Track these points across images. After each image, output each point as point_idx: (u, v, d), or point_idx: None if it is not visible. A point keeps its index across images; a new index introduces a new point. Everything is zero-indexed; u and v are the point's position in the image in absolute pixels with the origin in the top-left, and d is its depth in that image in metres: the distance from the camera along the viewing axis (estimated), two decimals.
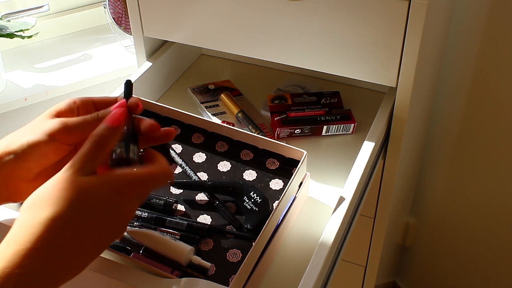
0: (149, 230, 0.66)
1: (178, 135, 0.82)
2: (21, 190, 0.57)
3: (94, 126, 0.54)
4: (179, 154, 0.80)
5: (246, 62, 1.12)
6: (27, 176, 0.56)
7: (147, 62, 1.00)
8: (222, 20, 0.89)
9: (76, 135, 0.56)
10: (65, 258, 0.47)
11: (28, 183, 0.57)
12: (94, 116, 0.56)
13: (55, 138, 0.55)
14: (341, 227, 0.68)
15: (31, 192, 0.52)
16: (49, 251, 0.46)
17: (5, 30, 1.18)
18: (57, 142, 0.55)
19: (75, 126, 0.56)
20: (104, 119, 0.54)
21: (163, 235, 0.66)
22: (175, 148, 0.80)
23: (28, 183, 0.57)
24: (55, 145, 0.55)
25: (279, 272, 0.70)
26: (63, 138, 0.55)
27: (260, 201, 0.71)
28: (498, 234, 1.37)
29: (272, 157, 0.78)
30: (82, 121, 0.56)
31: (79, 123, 0.56)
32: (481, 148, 1.28)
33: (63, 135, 0.55)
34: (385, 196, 0.97)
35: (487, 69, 1.16)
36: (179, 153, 0.80)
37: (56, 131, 0.55)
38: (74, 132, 0.56)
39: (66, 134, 0.55)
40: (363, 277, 1.17)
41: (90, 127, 0.55)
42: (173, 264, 0.65)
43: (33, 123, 0.57)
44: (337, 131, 0.93)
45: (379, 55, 0.82)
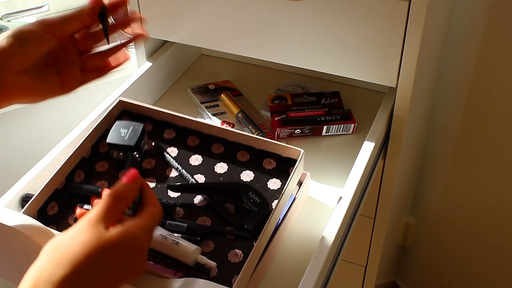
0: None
1: (173, 139, 0.82)
2: (9, 83, 0.59)
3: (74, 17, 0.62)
4: (175, 157, 0.79)
5: (246, 62, 1.12)
6: (14, 66, 0.59)
7: (147, 62, 1.00)
8: (222, 20, 0.89)
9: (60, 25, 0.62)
10: None
11: (16, 75, 0.59)
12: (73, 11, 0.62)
13: (41, 27, 0.60)
14: (341, 227, 0.68)
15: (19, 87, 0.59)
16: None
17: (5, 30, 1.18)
18: (42, 31, 0.60)
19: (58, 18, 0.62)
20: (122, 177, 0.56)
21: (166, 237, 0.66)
22: (171, 151, 0.80)
23: (16, 76, 0.59)
24: (38, 33, 0.60)
25: (279, 272, 0.70)
26: (48, 28, 0.61)
27: (259, 201, 0.71)
28: (498, 234, 1.37)
29: (268, 157, 0.78)
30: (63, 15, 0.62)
31: (62, 16, 0.62)
32: (481, 148, 1.28)
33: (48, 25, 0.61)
34: (385, 196, 0.97)
35: (487, 69, 1.16)
36: (175, 156, 0.80)
37: (43, 22, 0.61)
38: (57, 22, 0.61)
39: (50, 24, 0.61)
40: (363, 277, 1.17)
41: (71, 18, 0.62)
42: (176, 265, 0.65)
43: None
44: (337, 131, 0.93)
45: (379, 55, 0.82)
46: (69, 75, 0.64)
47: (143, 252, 0.52)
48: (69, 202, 0.73)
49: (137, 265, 0.52)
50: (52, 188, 0.72)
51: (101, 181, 0.76)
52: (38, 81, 0.61)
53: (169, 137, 0.82)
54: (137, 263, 0.52)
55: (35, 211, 0.69)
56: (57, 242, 0.51)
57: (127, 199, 0.54)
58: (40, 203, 0.70)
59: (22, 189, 0.73)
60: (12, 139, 1.25)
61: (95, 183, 0.76)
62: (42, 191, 0.70)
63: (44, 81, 0.62)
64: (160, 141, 0.81)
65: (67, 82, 0.64)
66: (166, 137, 0.82)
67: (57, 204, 0.72)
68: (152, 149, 0.80)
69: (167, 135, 0.82)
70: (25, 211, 0.68)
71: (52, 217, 0.71)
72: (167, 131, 0.82)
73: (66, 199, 0.73)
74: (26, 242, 0.63)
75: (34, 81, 0.61)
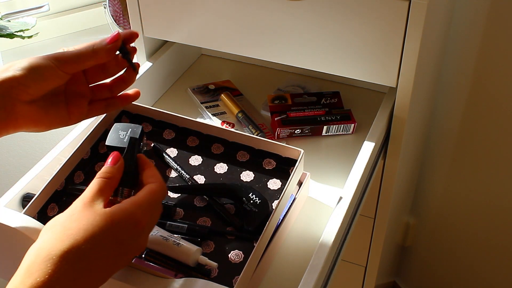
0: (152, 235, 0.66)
1: (172, 139, 0.82)
2: (18, 112, 0.60)
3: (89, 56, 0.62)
4: (174, 158, 0.79)
5: (246, 62, 1.12)
6: (24, 97, 0.59)
7: (147, 62, 1.00)
8: (222, 20, 0.89)
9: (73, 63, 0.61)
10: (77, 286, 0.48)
11: (25, 106, 0.60)
12: (89, 46, 0.62)
13: (54, 63, 0.60)
14: (341, 227, 0.68)
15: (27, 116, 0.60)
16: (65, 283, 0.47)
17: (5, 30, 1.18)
18: (55, 67, 0.60)
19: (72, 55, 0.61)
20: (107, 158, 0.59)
21: (167, 238, 0.66)
22: (170, 152, 0.80)
23: (25, 106, 0.60)
24: (53, 69, 0.60)
25: (279, 272, 0.70)
26: (61, 65, 0.60)
27: (260, 202, 0.71)
28: (498, 234, 1.37)
29: (268, 157, 0.78)
30: (78, 51, 0.62)
31: (76, 53, 0.62)
32: (481, 148, 1.28)
33: (61, 62, 0.61)
34: (385, 196, 0.97)
35: (487, 69, 1.16)
36: (174, 157, 0.80)
37: (56, 59, 0.61)
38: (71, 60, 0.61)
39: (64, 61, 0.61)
40: (363, 277, 1.17)
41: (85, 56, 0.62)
42: (177, 266, 0.65)
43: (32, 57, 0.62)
44: (337, 131, 0.93)
45: (379, 55, 0.82)
46: (77, 107, 0.65)
47: (140, 229, 0.53)
48: (69, 203, 0.73)
49: (135, 243, 0.53)
50: (52, 189, 0.72)
51: None
52: (46, 111, 0.62)
53: (168, 138, 0.82)
54: (135, 241, 0.53)
55: (35, 212, 0.69)
56: (54, 220, 0.52)
57: (114, 178, 0.57)
58: (40, 204, 0.70)
59: (22, 189, 0.73)
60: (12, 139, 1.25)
61: None
62: (42, 192, 0.70)
63: (52, 111, 0.63)
64: (160, 142, 0.81)
65: (74, 113, 0.65)
66: (165, 138, 0.82)
67: (57, 205, 0.72)
68: (151, 150, 0.80)
69: (166, 136, 0.82)
70: (25, 212, 0.68)
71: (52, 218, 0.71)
72: (167, 132, 0.82)
73: (66, 200, 0.73)
74: (26, 242, 0.63)
75: (42, 111, 0.61)
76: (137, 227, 0.53)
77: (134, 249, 0.54)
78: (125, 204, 0.53)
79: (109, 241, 0.50)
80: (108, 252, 0.50)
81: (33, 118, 0.61)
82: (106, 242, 0.50)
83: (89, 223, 0.50)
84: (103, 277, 0.50)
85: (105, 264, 0.50)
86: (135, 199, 0.54)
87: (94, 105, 0.67)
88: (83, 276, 0.48)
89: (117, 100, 0.69)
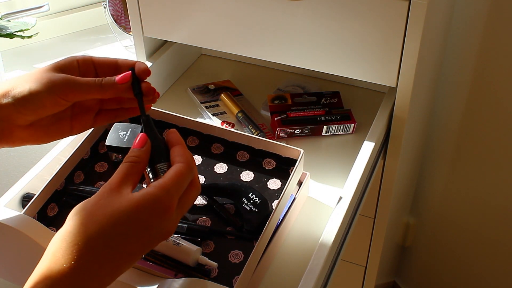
0: None
1: None
2: (14, 136, 0.58)
3: (96, 91, 0.58)
4: None
5: (246, 62, 1.12)
6: (22, 122, 0.58)
7: (147, 62, 1.00)
8: (222, 20, 0.89)
9: (77, 94, 0.58)
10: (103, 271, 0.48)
11: (22, 129, 0.58)
12: (98, 82, 0.58)
13: (56, 92, 0.57)
14: (341, 227, 0.68)
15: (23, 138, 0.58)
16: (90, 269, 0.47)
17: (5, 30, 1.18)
18: (57, 96, 0.57)
19: (78, 86, 0.58)
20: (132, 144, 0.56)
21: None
22: None
23: (22, 130, 0.58)
24: (54, 98, 0.57)
25: (279, 272, 0.70)
26: (63, 94, 0.57)
27: (259, 202, 0.71)
28: (498, 234, 1.37)
29: (268, 157, 0.78)
30: (85, 83, 0.58)
31: (82, 84, 0.58)
32: (481, 148, 1.28)
33: (65, 91, 0.57)
34: (385, 196, 0.97)
35: (487, 69, 1.16)
36: None
37: (59, 86, 0.57)
38: (75, 91, 0.57)
39: (68, 91, 0.57)
40: (363, 277, 1.17)
41: (92, 90, 0.58)
42: (177, 266, 0.65)
43: (36, 72, 0.59)
44: (337, 131, 0.93)
45: (379, 55, 0.82)
46: (82, 120, 0.62)
47: (169, 214, 0.51)
48: (68, 203, 0.73)
49: (163, 228, 0.51)
50: (52, 189, 0.72)
51: (101, 182, 0.76)
52: (46, 130, 0.60)
53: None
54: (162, 226, 0.51)
55: (35, 212, 0.69)
56: (81, 206, 0.51)
57: (142, 162, 0.55)
58: (40, 204, 0.70)
59: (22, 189, 0.73)
60: None
61: (95, 184, 0.76)
62: (42, 192, 0.70)
63: (53, 128, 0.61)
64: None
65: (77, 126, 0.63)
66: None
67: (57, 205, 0.72)
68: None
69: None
70: (25, 212, 0.68)
71: (52, 218, 0.71)
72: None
73: (65, 200, 0.73)
74: (26, 242, 0.63)
75: (42, 130, 0.60)
76: (166, 212, 0.51)
77: (161, 235, 0.52)
78: (152, 188, 0.51)
79: (135, 227, 0.49)
80: (134, 238, 0.49)
81: (31, 138, 0.60)
82: (132, 229, 0.49)
83: (115, 209, 0.49)
84: (128, 262, 0.50)
85: (130, 250, 0.49)
86: (162, 183, 0.52)
87: (101, 116, 0.64)
88: (109, 261, 0.48)
89: (127, 112, 0.65)
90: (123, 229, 0.49)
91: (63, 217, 0.73)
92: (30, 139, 0.60)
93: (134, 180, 0.53)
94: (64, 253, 0.47)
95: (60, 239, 0.48)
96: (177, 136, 0.57)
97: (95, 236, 0.48)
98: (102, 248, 0.48)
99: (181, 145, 0.57)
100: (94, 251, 0.47)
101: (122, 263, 0.49)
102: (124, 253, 0.49)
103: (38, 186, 0.71)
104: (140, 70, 0.60)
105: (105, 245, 0.48)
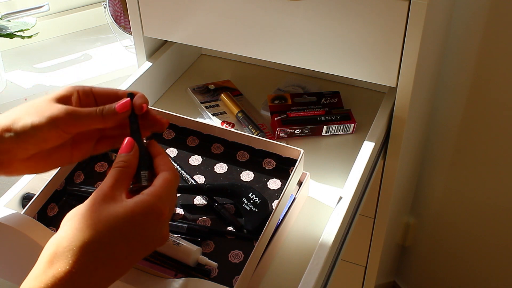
0: None
1: (172, 139, 0.82)
2: (14, 168, 0.58)
3: (97, 121, 0.58)
4: (174, 158, 0.79)
5: (246, 62, 1.12)
6: (22, 155, 0.57)
7: (147, 62, 1.00)
8: (222, 20, 0.89)
9: (79, 126, 0.58)
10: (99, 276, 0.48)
11: (22, 162, 0.58)
12: (99, 112, 0.58)
13: (58, 125, 0.56)
14: (341, 227, 0.68)
15: (23, 170, 0.57)
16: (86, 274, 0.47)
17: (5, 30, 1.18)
18: (59, 129, 0.57)
19: (79, 118, 0.57)
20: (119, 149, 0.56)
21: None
22: (170, 152, 0.80)
23: (22, 163, 0.58)
24: (56, 131, 0.57)
25: (279, 272, 0.70)
26: (66, 127, 0.57)
27: (259, 202, 0.71)
28: (498, 234, 1.37)
29: (268, 157, 0.78)
30: (86, 114, 0.58)
31: (84, 115, 0.57)
32: (481, 148, 1.28)
33: (67, 124, 0.57)
34: (385, 196, 0.97)
35: (487, 69, 1.16)
36: (174, 157, 0.80)
37: (61, 119, 0.56)
38: (77, 123, 0.57)
39: (70, 124, 0.57)
40: (363, 277, 1.17)
41: (94, 121, 0.57)
42: (177, 266, 0.65)
43: (37, 104, 0.58)
44: (337, 131, 0.93)
45: (379, 55, 0.82)
46: (83, 149, 0.62)
47: (163, 221, 0.52)
48: (68, 203, 0.73)
49: (157, 234, 0.52)
50: (52, 189, 0.72)
51: (101, 182, 0.76)
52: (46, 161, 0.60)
53: (168, 137, 0.82)
54: (157, 232, 0.52)
55: (35, 212, 0.69)
56: (74, 212, 0.51)
57: (132, 166, 0.55)
58: (40, 204, 0.70)
59: (22, 189, 0.73)
60: None
61: (95, 183, 0.76)
62: (42, 192, 0.70)
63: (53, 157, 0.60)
64: (160, 142, 0.81)
65: (77, 155, 0.62)
66: (165, 138, 0.82)
67: (57, 205, 0.72)
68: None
69: (166, 136, 0.82)
70: (25, 212, 0.68)
71: (52, 218, 0.71)
72: (167, 132, 0.82)
73: (65, 200, 0.73)
74: (26, 242, 0.63)
75: (41, 162, 0.59)
76: (160, 218, 0.52)
77: (157, 240, 0.53)
78: (145, 196, 0.52)
79: (131, 233, 0.50)
80: (129, 243, 0.50)
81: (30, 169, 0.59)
82: (128, 234, 0.50)
83: (110, 215, 0.50)
84: (124, 268, 0.50)
85: (126, 255, 0.50)
86: (154, 190, 0.53)
87: (102, 143, 0.64)
88: (104, 266, 0.48)
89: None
90: (118, 234, 0.49)
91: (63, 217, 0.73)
92: (29, 170, 0.60)
93: (125, 185, 0.54)
94: (59, 257, 0.47)
95: (55, 244, 0.48)
96: (158, 147, 0.59)
97: (91, 241, 0.48)
98: (97, 253, 0.48)
99: (163, 154, 0.58)
100: (89, 255, 0.47)
101: (116, 268, 0.49)
102: (119, 258, 0.49)
103: (38, 186, 0.71)
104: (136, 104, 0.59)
105: (100, 249, 0.48)
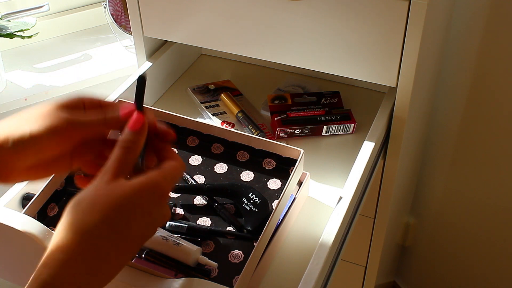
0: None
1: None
2: (11, 177, 0.57)
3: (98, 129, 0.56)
4: None
5: (246, 62, 1.12)
6: (21, 166, 0.56)
7: (147, 62, 1.00)
8: (222, 20, 0.89)
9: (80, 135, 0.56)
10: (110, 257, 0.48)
11: (21, 172, 0.57)
12: (101, 119, 0.56)
13: (58, 135, 0.55)
14: (341, 227, 0.68)
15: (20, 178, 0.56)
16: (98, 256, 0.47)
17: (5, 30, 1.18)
18: (59, 139, 0.55)
19: (80, 127, 0.56)
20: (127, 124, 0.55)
21: (167, 238, 0.66)
22: None
23: (20, 172, 0.57)
24: (56, 141, 0.55)
25: (279, 272, 0.70)
26: (66, 137, 0.56)
27: (259, 202, 0.71)
28: (498, 234, 1.37)
29: (268, 157, 0.78)
30: (88, 123, 0.56)
31: (85, 124, 0.56)
32: (481, 148, 1.28)
33: (67, 134, 0.55)
34: (385, 196, 0.97)
35: (487, 69, 1.16)
36: None
37: (61, 129, 0.55)
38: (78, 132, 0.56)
39: (70, 133, 0.56)
40: (363, 277, 1.17)
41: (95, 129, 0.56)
42: (177, 266, 0.65)
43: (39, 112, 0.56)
44: (337, 131, 0.93)
45: (379, 55, 0.82)
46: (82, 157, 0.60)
47: (165, 199, 0.52)
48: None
49: (162, 212, 0.52)
50: (52, 189, 0.72)
51: None
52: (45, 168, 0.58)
53: None
54: (161, 210, 0.52)
55: (35, 212, 0.69)
56: (80, 196, 0.50)
57: (138, 149, 0.54)
58: (40, 204, 0.70)
59: (22, 189, 0.73)
60: None
61: None
62: (42, 192, 0.70)
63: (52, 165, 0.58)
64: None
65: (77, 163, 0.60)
66: None
67: (57, 205, 0.72)
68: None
69: None
70: (25, 212, 0.68)
71: (52, 218, 0.71)
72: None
73: (65, 200, 0.73)
74: (27, 242, 0.63)
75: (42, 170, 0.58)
76: (163, 197, 0.52)
77: (160, 219, 0.52)
78: (152, 175, 0.52)
79: (139, 212, 0.50)
80: (138, 223, 0.50)
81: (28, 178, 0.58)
82: (137, 214, 0.50)
83: (118, 196, 0.49)
84: (135, 248, 0.50)
85: (136, 235, 0.50)
86: (161, 172, 0.52)
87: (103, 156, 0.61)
88: (116, 248, 0.48)
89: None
90: (127, 215, 0.49)
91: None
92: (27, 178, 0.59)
93: (129, 169, 0.53)
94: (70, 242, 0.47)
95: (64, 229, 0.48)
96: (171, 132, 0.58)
97: (101, 223, 0.48)
98: (108, 235, 0.48)
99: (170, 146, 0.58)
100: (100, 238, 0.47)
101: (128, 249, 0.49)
102: (130, 238, 0.49)
103: (38, 186, 0.71)
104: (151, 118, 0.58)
105: (111, 231, 0.48)
